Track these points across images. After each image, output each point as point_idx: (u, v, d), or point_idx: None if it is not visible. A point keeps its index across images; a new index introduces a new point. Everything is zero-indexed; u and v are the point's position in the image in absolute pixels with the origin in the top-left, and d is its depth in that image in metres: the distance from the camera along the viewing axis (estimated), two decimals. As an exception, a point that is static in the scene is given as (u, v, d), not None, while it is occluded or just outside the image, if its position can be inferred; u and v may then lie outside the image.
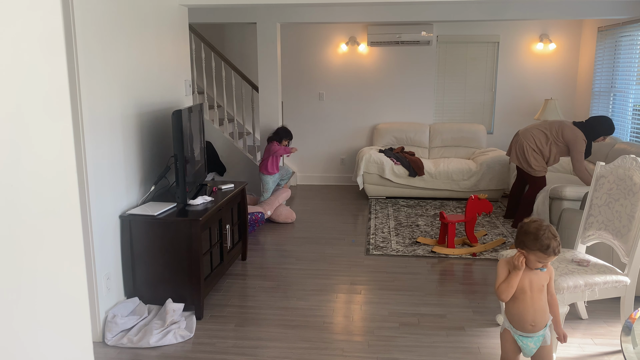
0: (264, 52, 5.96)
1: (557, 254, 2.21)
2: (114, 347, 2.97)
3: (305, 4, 4.49)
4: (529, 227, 2.23)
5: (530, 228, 2.23)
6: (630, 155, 2.98)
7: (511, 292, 2.26)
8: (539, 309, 2.28)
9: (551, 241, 2.18)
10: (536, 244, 2.19)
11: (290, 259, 4.37)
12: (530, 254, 2.22)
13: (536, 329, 2.29)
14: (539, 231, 2.19)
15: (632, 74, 5.41)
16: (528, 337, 2.30)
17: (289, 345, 3.00)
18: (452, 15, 5.77)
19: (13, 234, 1.64)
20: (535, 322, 2.28)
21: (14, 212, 1.64)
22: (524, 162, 4.97)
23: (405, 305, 3.50)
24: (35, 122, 1.74)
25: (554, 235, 2.20)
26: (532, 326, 2.28)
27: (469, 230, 4.58)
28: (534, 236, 2.20)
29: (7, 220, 1.61)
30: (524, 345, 2.32)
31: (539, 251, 2.19)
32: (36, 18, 1.73)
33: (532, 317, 2.28)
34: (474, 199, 4.50)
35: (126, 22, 3.27)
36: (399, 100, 7.09)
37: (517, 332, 2.32)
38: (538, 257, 2.21)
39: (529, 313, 2.27)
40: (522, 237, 2.25)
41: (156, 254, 3.25)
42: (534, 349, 2.32)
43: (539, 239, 2.18)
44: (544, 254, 2.19)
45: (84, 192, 2.87)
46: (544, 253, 2.19)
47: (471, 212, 4.52)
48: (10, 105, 1.62)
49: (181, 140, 3.34)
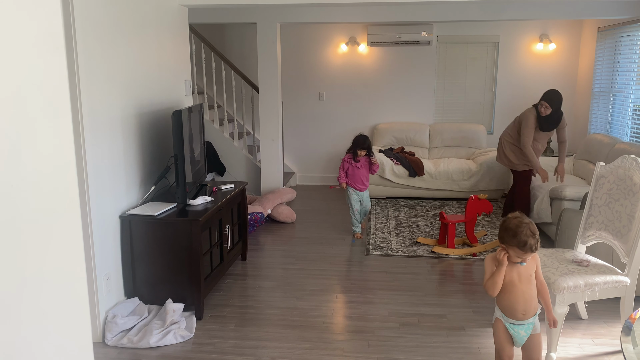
0: (264, 52, 5.96)
1: (534, 251, 2.27)
2: (114, 347, 2.97)
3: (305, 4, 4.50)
4: (510, 223, 2.29)
5: (510, 224, 2.28)
6: (630, 156, 2.98)
7: (498, 287, 2.33)
8: (529, 299, 2.35)
9: (529, 238, 2.23)
10: (514, 240, 2.25)
11: (290, 259, 4.37)
12: (510, 249, 2.28)
13: (527, 317, 2.36)
14: (518, 228, 2.24)
15: (632, 74, 5.41)
16: (519, 325, 2.37)
17: (289, 345, 3.00)
18: (452, 15, 5.77)
19: (13, 234, 1.64)
20: (526, 310, 2.35)
21: (14, 212, 1.64)
22: (504, 159, 5.04)
23: (405, 305, 3.50)
24: (36, 122, 1.74)
25: (532, 233, 2.24)
26: (522, 315, 2.35)
27: (469, 231, 4.58)
28: (512, 232, 2.25)
29: (7, 220, 1.61)
30: (516, 334, 2.38)
31: (517, 247, 2.25)
32: (36, 18, 1.73)
33: (523, 306, 2.34)
34: (474, 199, 4.50)
35: (126, 22, 3.27)
36: (399, 100, 7.09)
37: (508, 320, 2.38)
38: (516, 252, 2.27)
39: (520, 303, 2.34)
40: (502, 233, 2.31)
41: (156, 254, 3.25)
42: (525, 336, 2.38)
43: (517, 235, 2.24)
44: (521, 250, 2.25)
45: (84, 192, 2.87)
46: (521, 249, 2.25)
47: (471, 212, 4.52)
48: (10, 105, 1.62)
49: (181, 140, 3.34)
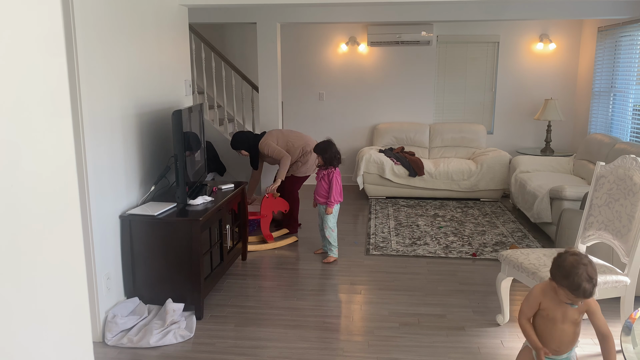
0: (264, 52, 5.96)
1: (587, 297, 1.98)
2: (114, 347, 2.97)
3: (305, 4, 4.50)
4: (564, 261, 2.01)
5: (565, 262, 2.00)
6: (630, 155, 2.98)
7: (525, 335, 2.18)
8: (566, 340, 2.14)
9: (584, 282, 1.94)
10: (566, 281, 1.98)
11: (290, 259, 4.37)
12: (560, 289, 2.03)
13: (559, 354, 2.17)
14: (574, 269, 1.96)
15: (632, 74, 5.41)
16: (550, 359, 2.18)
17: (289, 345, 3.00)
18: (452, 15, 5.77)
19: (13, 234, 1.64)
20: (560, 348, 2.16)
21: (15, 212, 1.64)
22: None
23: (405, 305, 3.50)
24: (36, 122, 1.74)
25: (589, 277, 1.95)
26: (555, 351, 2.16)
27: (264, 227, 4.68)
28: (566, 272, 1.98)
29: (7, 220, 1.61)
30: None
31: (568, 290, 1.99)
32: (36, 18, 1.73)
33: (557, 345, 2.15)
34: (269, 197, 4.66)
35: (126, 22, 3.27)
36: (399, 100, 7.09)
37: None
38: (567, 294, 2.02)
39: (555, 341, 2.14)
40: (554, 269, 2.04)
41: (156, 254, 3.25)
42: None
43: (570, 277, 1.96)
44: (573, 294, 1.99)
45: (84, 192, 2.87)
46: (572, 293, 1.98)
47: (266, 209, 4.65)
48: (10, 106, 1.62)
49: (181, 140, 3.34)
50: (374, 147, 6.64)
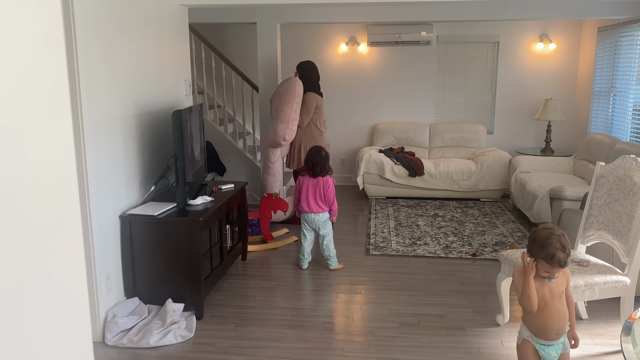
0: (264, 52, 5.96)
1: (563, 266, 2.08)
2: (114, 347, 2.97)
3: (305, 4, 4.49)
4: (538, 234, 2.11)
5: (539, 235, 2.11)
6: (630, 155, 2.98)
7: (534, 300, 2.14)
8: (562, 317, 2.19)
9: (558, 252, 2.05)
10: (541, 252, 2.08)
11: (290, 259, 4.37)
12: (537, 263, 2.12)
13: (560, 336, 2.21)
14: (548, 239, 2.06)
15: (632, 74, 5.41)
16: (550, 346, 2.22)
17: (289, 345, 3.00)
18: (452, 15, 5.77)
19: (13, 234, 1.64)
20: (560, 329, 2.20)
21: (15, 212, 1.64)
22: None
23: (405, 305, 3.50)
24: (36, 122, 1.74)
25: (562, 246, 2.06)
26: (556, 334, 2.20)
27: (264, 227, 4.71)
28: (540, 244, 2.08)
29: (7, 220, 1.61)
30: (547, 355, 2.22)
31: (544, 260, 2.08)
32: (36, 18, 1.73)
33: (557, 325, 2.18)
34: (268, 197, 4.68)
35: (126, 22, 3.27)
36: (399, 100, 7.09)
37: (538, 341, 2.23)
38: (544, 266, 2.10)
39: (554, 322, 2.18)
40: (530, 244, 2.15)
41: (156, 254, 3.25)
42: (556, 357, 2.23)
43: (545, 247, 2.06)
44: (549, 264, 2.08)
45: (84, 192, 2.87)
46: (548, 263, 2.08)
47: (265, 209, 4.67)
48: (10, 106, 1.62)
49: (181, 140, 3.34)
50: (374, 147, 6.64)
